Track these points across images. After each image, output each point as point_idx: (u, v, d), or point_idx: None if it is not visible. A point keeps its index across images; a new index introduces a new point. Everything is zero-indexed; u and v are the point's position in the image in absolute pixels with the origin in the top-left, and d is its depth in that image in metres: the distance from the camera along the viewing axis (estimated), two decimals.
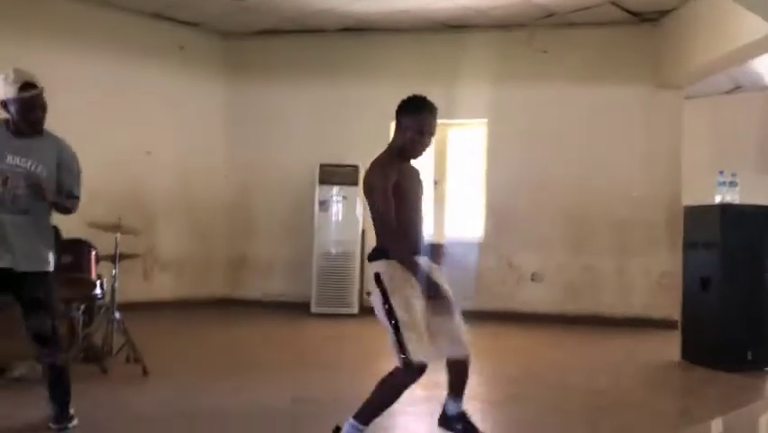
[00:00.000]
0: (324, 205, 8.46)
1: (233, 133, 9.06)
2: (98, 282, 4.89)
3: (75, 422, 3.50)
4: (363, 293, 8.51)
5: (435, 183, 8.64)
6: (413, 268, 3.03)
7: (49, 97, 3.42)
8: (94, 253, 4.86)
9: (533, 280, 8.31)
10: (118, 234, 4.94)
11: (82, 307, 4.87)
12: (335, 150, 8.54)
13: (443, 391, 4.46)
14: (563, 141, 8.26)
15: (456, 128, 8.70)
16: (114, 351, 4.93)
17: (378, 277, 3.06)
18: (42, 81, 3.41)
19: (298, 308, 8.37)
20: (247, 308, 8.66)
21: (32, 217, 3.36)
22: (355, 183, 8.39)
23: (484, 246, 8.40)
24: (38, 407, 3.73)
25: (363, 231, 8.54)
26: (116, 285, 4.94)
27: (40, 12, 7.59)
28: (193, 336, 6.86)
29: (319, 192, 8.44)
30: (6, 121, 3.38)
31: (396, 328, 3.01)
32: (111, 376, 4.70)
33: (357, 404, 4.19)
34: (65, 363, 3.53)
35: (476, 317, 7.88)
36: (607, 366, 5.72)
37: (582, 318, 7.98)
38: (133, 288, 7.35)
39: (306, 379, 4.92)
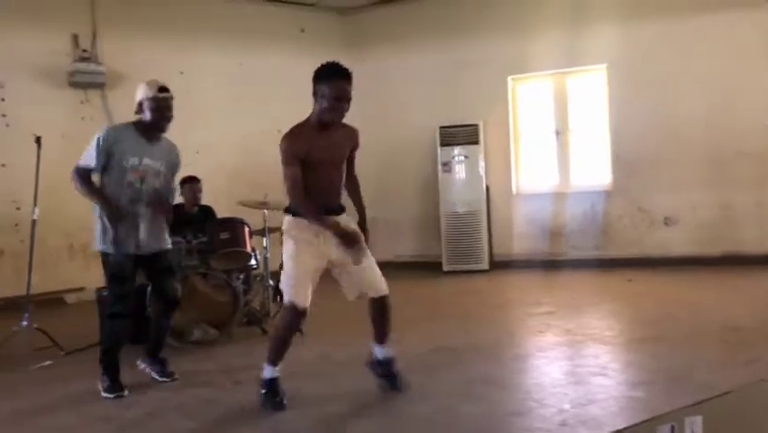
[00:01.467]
0: (447, 166, 8.77)
1: (357, 108, 9.46)
2: (253, 254, 5.51)
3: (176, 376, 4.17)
4: (492, 249, 8.80)
5: (557, 133, 8.70)
6: (320, 222, 3.39)
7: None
8: (247, 228, 5.48)
9: (666, 224, 8.22)
10: (266, 210, 5.53)
11: (241, 276, 5.53)
12: (456, 111, 8.79)
13: (575, 338, 4.74)
14: (689, 77, 8.02)
15: (576, 75, 8.66)
16: (272, 314, 5.55)
17: (283, 231, 3.53)
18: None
19: (430, 268, 8.79)
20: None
21: (154, 208, 4.01)
22: (476, 142, 8.64)
23: (612, 194, 8.40)
24: (215, 362, 4.39)
25: (487, 188, 8.79)
26: (268, 256, 5.55)
27: (174, 12, 8.35)
28: (335, 296, 7.44)
29: (441, 154, 8.76)
30: (135, 123, 3.97)
31: (282, 274, 3.50)
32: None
33: (492, 351, 4.57)
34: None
35: (608, 264, 8.06)
36: (744, 304, 5.71)
37: (721, 259, 7.83)
38: (277, 257, 8.04)
39: (443, 330, 5.32)
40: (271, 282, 5.54)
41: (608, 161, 8.46)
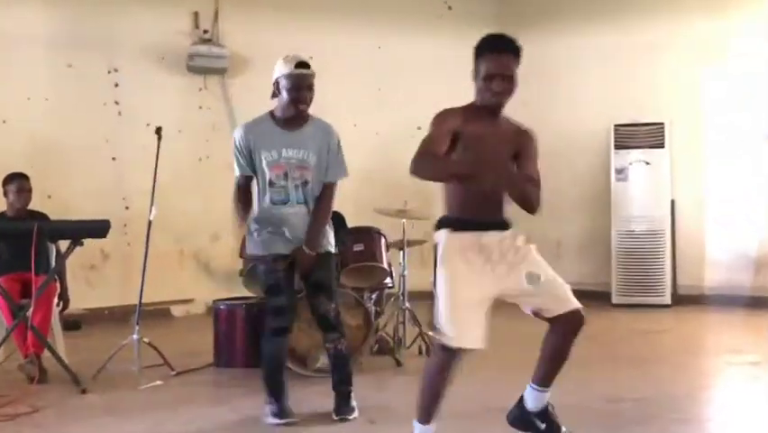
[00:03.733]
0: (622, 173, 8.50)
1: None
2: (389, 270, 5.57)
3: (355, 414, 4.12)
4: (677, 279, 8.42)
5: (766, 138, 8.22)
6: (459, 168, 3.14)
7: (320, 79, 4.07)
8: (383, 240, 5.55)
9: None
10: (404, 220, 5.57)
11: (374, 296, 5.60)
12: (635, 106, 8.51)
13: None
14: None
15: None
16: (407, 342, 5.58)
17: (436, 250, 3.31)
18: (314, 63, 4.06)
19: (596, 298, 8.51)
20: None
21: (309, 207, 4.05)
22: (661, 145, 8.33)
23: None
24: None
25: (673, 202, 8.44)
26: (405, 273, 5.59)
27: None
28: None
29: (615, 158, 8.50)
30: (271, 112, 4.06)
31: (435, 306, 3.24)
32: (406, 369, 5.34)
33: (683, 404, 4.36)
34: (347, 351, 4.21)
35: None
36: None
37: None
38: (411, 275, 8.10)
39: (620, 376, 5.13)
40: (408, 305, 5.57)
41: None
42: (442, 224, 3.38)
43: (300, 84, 3.94)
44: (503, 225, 3.38)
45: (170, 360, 5.35)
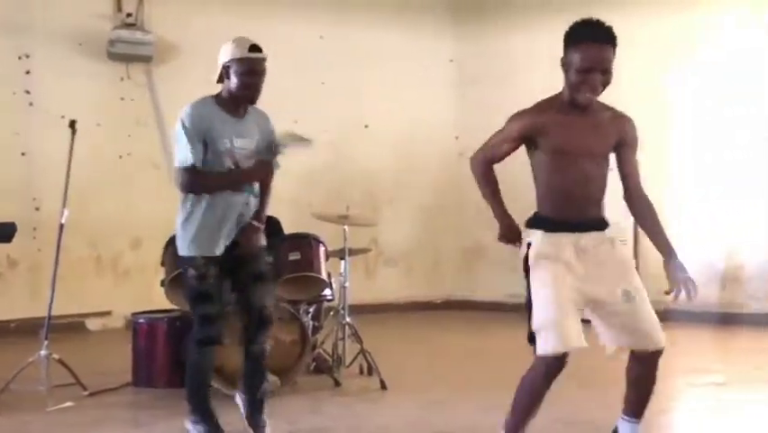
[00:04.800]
0: None
1: (465, 96, 9.52)
2: (328, 282, 5.55)
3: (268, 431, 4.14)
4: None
5: (733, 149, 8.39)
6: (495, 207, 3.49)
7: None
8: (323, 248, 5.52)
9: None
10: (346, 227, 5.56)
11: (311, 310, 5.58)
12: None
13: (754, 422, 4.52)
14: None
15: None
16: (347, 361, 5.56)
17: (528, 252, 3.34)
18: None
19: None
20: (485, 314, 9.07)
21: (256, 195, 4.10)
22: None
23: None
24: (276, 419, 4.41)
25: None
26: (347, 285, 5.58)
27: None
28: (428, 343, 7.43)
29: None
30: (215, 97, 4.03)
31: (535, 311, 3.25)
32: (345, 390, 5.33)
33: (639, 428, 4.41)
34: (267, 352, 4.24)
35: None
36: None
37: None
38: (355, 287, 8.11)
39: (578, 397, 5.18)
40: (349, 320, 5.55)
41: None
42: (534, 223, 3.37)
43: (255, 69, 3.96)
44: (601, 225, 3.39)
45: (83, 379, 5.24)
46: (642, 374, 3.39)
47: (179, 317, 5.30)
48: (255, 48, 3.97)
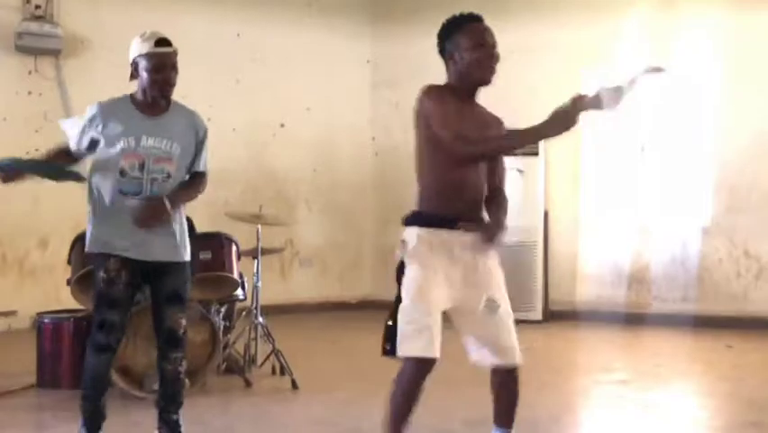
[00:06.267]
0: None
1: (382, 97, 9.60)
2: (240, 282, 5.54)
3: None
4: (548, 294, 8.76)
5: (643, 150, 8.66)
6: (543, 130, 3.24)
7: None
8: (235, 247, 5.50)
9: None
10: (259, 226, 5.56)
11: (222, 310, 5.56)
12: (508, 110, 8.71)
13: (655, 416, 4.68)
14: None
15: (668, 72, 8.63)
16: (259, 361, 5.56)
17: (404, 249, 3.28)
18: None
19: None
20: None
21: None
22: (535, 153, 8.62)
23: (711, 232, 8.35)
24: (184, 419, 4.37)
25: (546, 213, 8.77)
26: (259, 285, 5.58)
27: None
28: (341, 343, 7.47)
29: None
30: (132, 96, 3.96)
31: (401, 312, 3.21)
32: (256, 390, 5.34)
33: (545, 426, 4.54)
34: (185, 377, 4.12)
35: (702, 323, 7.99)
36: None
37: None
38: (270, 287, 8.10)
39: (482, 397, 5.28)
40: (261, 320, 5.55)
41: (708, 188, 8.42)
42: (412, 220, 3.32)
43: (163, 63, 3.85)
44: (478, 222, 3.37)
45: None
46: (503, 388, 3.41)
47: (86, 317, 5.21)
48: (163, 41, 3.85)
